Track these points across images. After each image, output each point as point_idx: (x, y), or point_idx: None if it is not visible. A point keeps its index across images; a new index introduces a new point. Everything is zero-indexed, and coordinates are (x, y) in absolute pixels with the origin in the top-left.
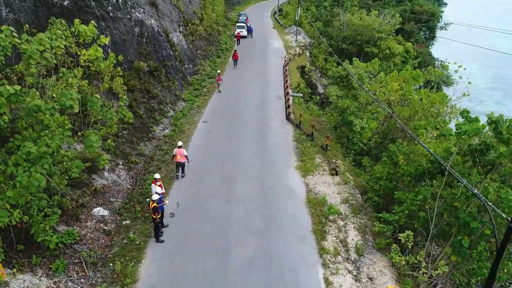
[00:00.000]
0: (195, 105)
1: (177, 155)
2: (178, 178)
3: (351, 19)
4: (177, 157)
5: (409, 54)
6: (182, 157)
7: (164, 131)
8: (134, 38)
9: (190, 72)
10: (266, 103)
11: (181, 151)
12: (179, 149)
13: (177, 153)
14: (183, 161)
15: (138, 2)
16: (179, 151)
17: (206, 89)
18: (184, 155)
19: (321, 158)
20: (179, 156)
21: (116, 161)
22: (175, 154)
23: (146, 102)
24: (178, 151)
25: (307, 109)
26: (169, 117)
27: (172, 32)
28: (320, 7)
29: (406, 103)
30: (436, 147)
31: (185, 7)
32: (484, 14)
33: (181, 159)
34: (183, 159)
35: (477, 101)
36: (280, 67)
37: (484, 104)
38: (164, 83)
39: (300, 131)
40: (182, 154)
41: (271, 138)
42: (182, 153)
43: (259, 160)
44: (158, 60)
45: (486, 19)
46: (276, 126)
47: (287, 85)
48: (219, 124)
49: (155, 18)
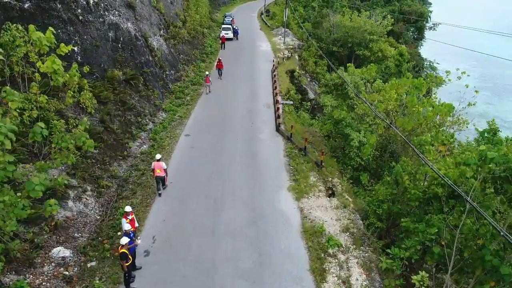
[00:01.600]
0: (177, 115)
1: (156, 169)
2: (161, 195)
3: (341, 20)
4: (156, 171)
5: (403, 57)
6: (161, 170)
7: (141, 147)
8: (108, 43)
9: (172, 78)
10: (254, 113)
11: (159, 164)
12: (157, 163)
13: (155, 167)
14: (162, 175)
15: (113, 4)
16: (158, 165)
17: (189, 97)
18: (163, 169)
19: (315, 176)
20: (158, 170)
21: (84, 186)
22: (153, 168)
23: (121, 115)
24: (156, 164)
25: (298, 118)
26: (147, 130)
27: (151, 36)
28: (308, 8)
29: (406, 112)
30: (446, 167)
31: (167, 9)
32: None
33: (160, 173)
34: (162, 173)
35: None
36: (269, 71)
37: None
38: (143, 92)
39: (292, 144)
40: (161, 168)
41: (260, 154)
42: (160, 167)
43: (248, 180)
44: (136, 67)
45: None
46: (266, 139)
47: (276, 92)
48: (203, 138)
49: (132, 21)
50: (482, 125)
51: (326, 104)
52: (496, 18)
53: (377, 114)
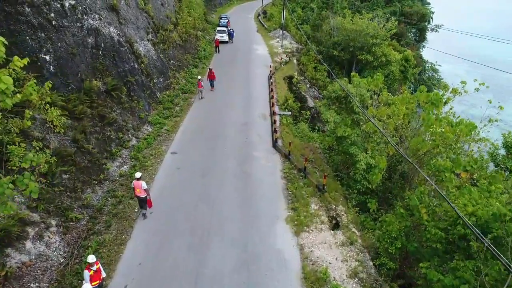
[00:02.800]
0: (164, 129)
1: (136, 188)
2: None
3: (342, 23)
4: (136, 190)
5: (409, 62)
6: (141, 191)
7: (121, 168)
8: (86, 50)
9: (160, 87)
10: (249, 125)
11: (139, 184)
12: (137, 182)
13: (135, 186)
14: (142, 196)
15: (92, 7)
16: (137, 184)
17: (179, 108)
18: (144, 189)
19: (317, 203)
20: (138, 190)
21: (47, 221)
22: (133, 187)
23: (99, 132)
24: (136, 183)
25: (296, 131)
26: (129, 147)
27: (138, 41)
28: (306, 9)
29: (419, 131)
30: (474, 202)
31: (156, 11)
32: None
33: (140, 193)
34: (142, 193)
35: (468, 104)
36: (265, 77)
37: (476, 107)
38: (126, 104)
39: (290, 163)
40: (140, 188)
41: (255, 175)
42: (140, 186)
43: (240, 210)
44: (119, 76)
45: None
46: (261, 157)
47: (273, 102)
48: (192, 156)
49: (116, 25)
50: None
51: (329, 120)
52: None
53: (387, 137)
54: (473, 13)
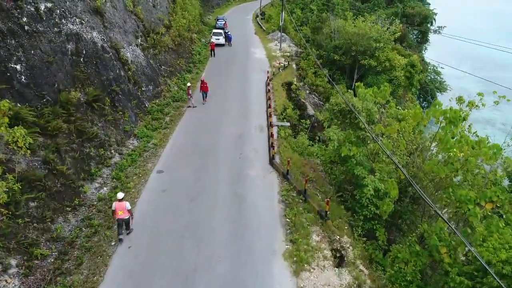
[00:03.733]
0: (151, 143)
1: (117, 210)
2: (122, 241)
3: (343, 25)
4: (118, 212)
5: (415, 68)
6: (125, 212)
7: (100, 191)
8: (65, 58)
9: (150, 95)
10: (244, 138)
11: (122, 204)
12: (119, 203)
13: (117, 208)
14: (126, 217)
15: (72, 10)
16: (120, 205)
17: (169, 118)
18: (127, 210)
19: (319, 233)
20: (120, 212)
21: (6, 261)
22: (114, 209)
23: (76, 149)
24: (118, 205)
25: (296, 145)
26: (111, 165)
27: (125, 47)
28: (306, 10)
29: (435, 152)
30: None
31: (147, 14)
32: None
33: (123, 214)
34: (125, 214)
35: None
36: (263, 83)
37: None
38: (109, 116)
39: (289, 184)
40: (124, 209)
41: (249, 199)
42: (123, 208)
43: (232, 243)
44: (102, 85)
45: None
46: (257, 176)
47: (270, 112)
48: (180, 176)
49: (99, 29)
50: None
51: (332, 138)
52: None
53: (396, 163)
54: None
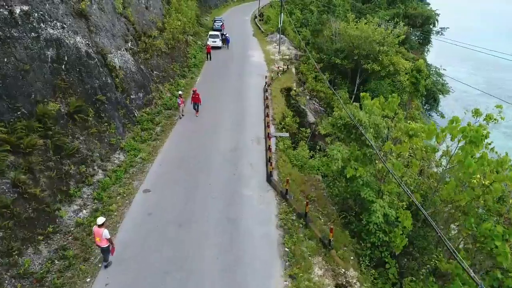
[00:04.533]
0: (138, 157)
1: (96, 237)
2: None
3: (345, 28)
4: (95, 239)
5: (421, 73)
6: (102, 240)
7: (79, 214)
8: (44, 65)
9: (139, 104)
10: (239, 152)
11: (99, 231)
12: (98, 229)
13: (95, 234)
14: (104, 246)
15: (53, 14)
16: (97, 232)
17: (160, 128)
18: (106, 238)
19: (322, 266)
20: (97, 239)
21: None
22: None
23: (52, 167)
24: (96, 231)
25: (295, 158)
26: (93, 184)
27: (112, 52)
28: (305, 11)
29: (452, 173)
30: None
31: (139, 16)
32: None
33: (101, 242)
34: (103, 242)
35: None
36: (260, 89)
37: None
38: (93, 128)
39: (288, 205)
40: (101, 237)
41: (244, 224)
42: (101, 235)
43: (222, 279)
44: (86, 94)
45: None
46: (253, 196)
47: (269, 121)
48: (168, 196)
49: (84, 34)
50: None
51: (335, 157)
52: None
53: (406, 191)
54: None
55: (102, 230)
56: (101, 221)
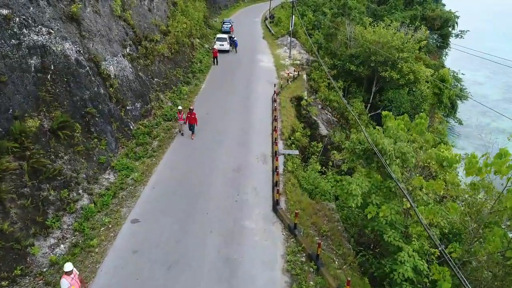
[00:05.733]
0: (130, 178)
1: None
2: None
3: (361, 32)
4: None
5: (446, 83)
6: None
7: (55, 250)
8: (26, 76)
9: (136, 115)
10: (243, 172)
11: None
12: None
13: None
14: None
15: (38, 18)
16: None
17: (157, 142)
18: None
19: None
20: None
21: None
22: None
23: (28, 195)
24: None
25: (306, 181)
26: (76, 211)
27: (107, 59)
28: (318, 12)
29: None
30: None
31: (140, 18)
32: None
33: None
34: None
35: (492, 116)
36: (269, 99)
37: (500, 119)
38: (79, 146)
39: (297, 243)
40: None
41: (244, 267)
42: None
43: None
44: (74, 106)
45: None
46: (256, 229)
47: (276, 137)
48: (158, 228)
49: (74, 40)
50: None
51: (354, 193)
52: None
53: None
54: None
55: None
56: (68, 267)
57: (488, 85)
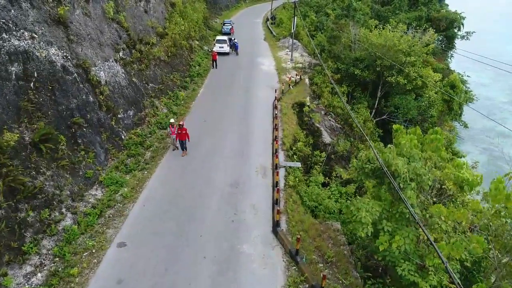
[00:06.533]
0: (119, 194)
1: None
2: None
3: (366, 35)
4: None
5: (456, 89)
6: None
7: (31, 280)
8: (6, 84)
9: (129, 123)
10: (241, 188)
11: None
12: None
13: None
14: None
15: (19, 21)
16: None
17: (150, 153)
18: None
19: None
20: None
21: None
22: None
23: (2, 217)
24: None
25: (309, 198)
26: (57, 234)
27: (98, 64)
28: (321, 13)
29: None
30: None
31: (135, 20)
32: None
33: None
34: None
35: (497, 119)
36: (269, 105)
37: (506, 122)
38: (64, 160)
39: (299, 272)
40: None
41: None
42: None
43: None
44: (59, 116)
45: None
46: (254, 255)
47: (277, 147)
48: (146, 253)
49: (60, 44)
50: None
51: (363, 221)
52: None
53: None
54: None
55: None
56: None
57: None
